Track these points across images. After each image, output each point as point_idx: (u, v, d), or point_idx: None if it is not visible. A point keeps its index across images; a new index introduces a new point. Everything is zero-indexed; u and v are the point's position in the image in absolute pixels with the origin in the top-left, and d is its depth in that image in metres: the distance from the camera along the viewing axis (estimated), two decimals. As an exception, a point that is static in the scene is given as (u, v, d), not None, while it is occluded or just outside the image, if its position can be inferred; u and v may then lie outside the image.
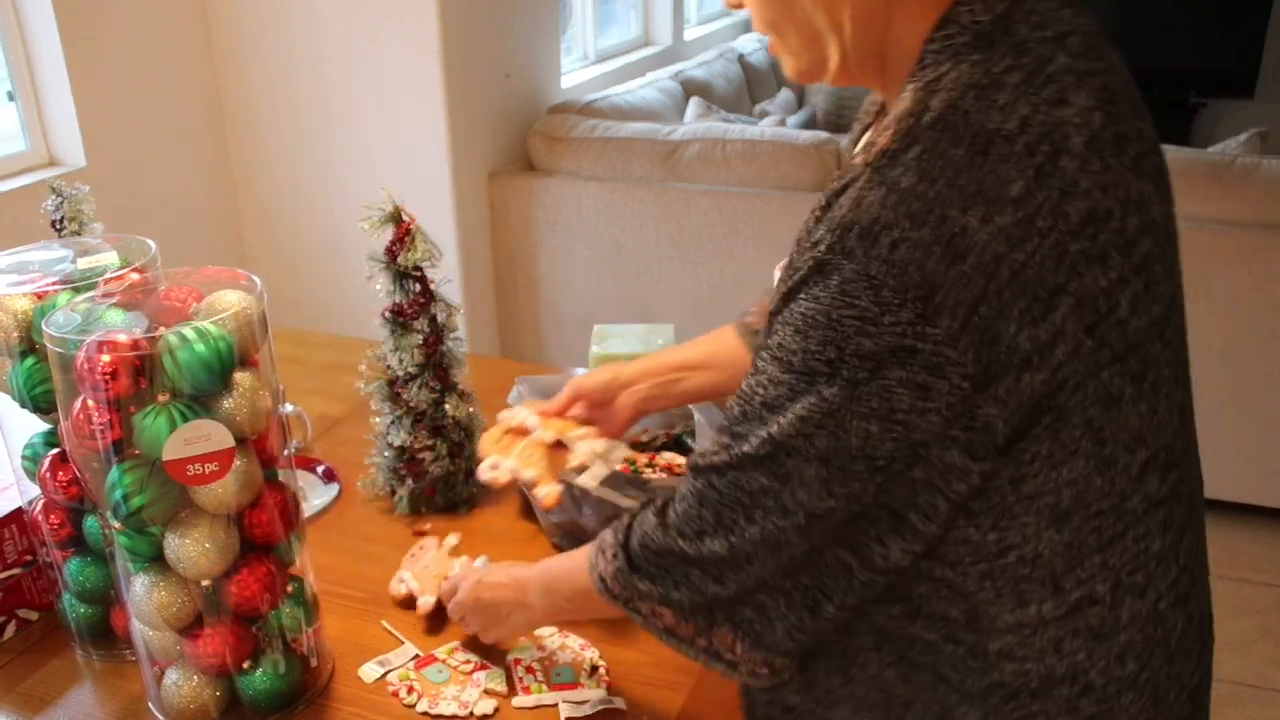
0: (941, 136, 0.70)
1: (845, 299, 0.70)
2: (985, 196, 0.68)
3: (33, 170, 2.58)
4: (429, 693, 1.00)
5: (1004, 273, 0.68)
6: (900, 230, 0.68)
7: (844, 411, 0.72)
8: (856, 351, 0.71)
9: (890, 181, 0.70)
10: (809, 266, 0.73)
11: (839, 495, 0.75)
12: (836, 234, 0.71)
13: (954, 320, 0.69)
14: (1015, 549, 0.77)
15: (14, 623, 1.11)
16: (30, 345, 1.01)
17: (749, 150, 2.89)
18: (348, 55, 2.89)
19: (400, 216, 1.20)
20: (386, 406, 1.29)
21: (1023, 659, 0.79)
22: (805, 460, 0.75)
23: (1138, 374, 0.76)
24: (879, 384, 0.71)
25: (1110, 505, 0.77)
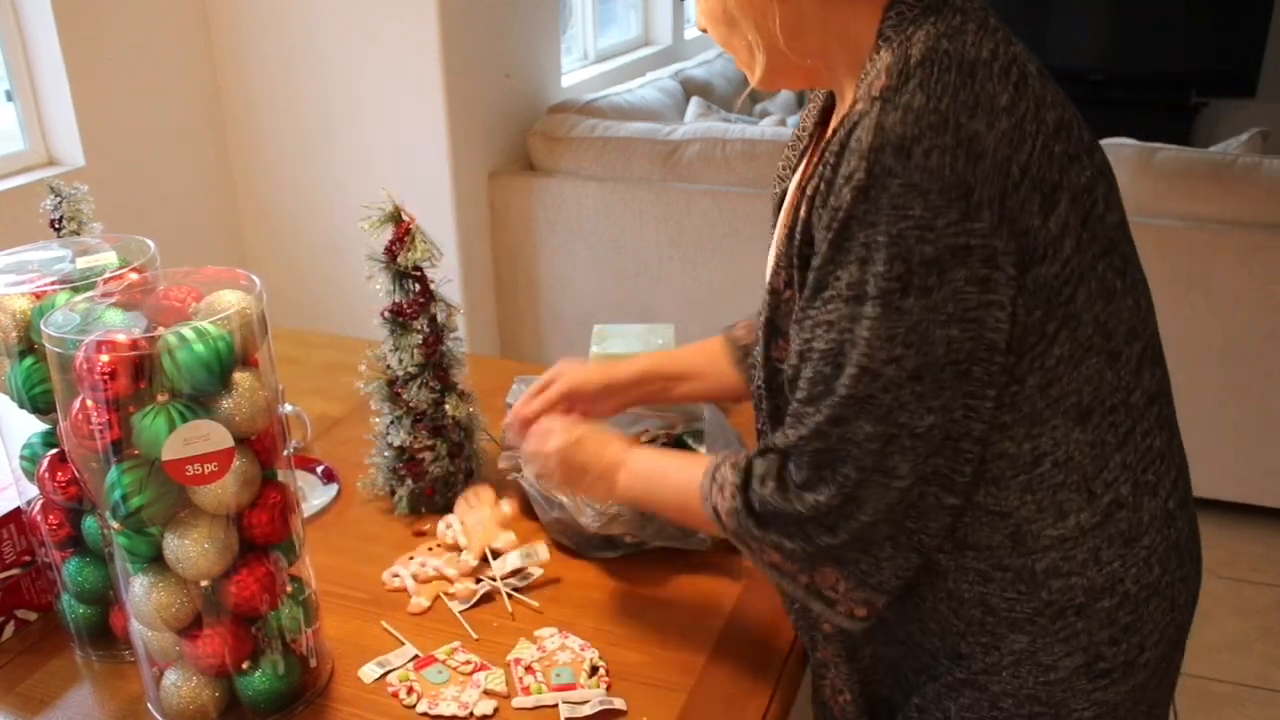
0: (932, 68, 0.78)
1: (899, 213, 0.76)
2: (983, 107, 0.77)
3: (31, 170, 2.57)
4: (429, 693, 1.00)
5: (1015, 171, 0.77)
6: (928, 140, 0.75)
7: (926, 322, 0.78)
8: (922, 259, 0.76)
9: (903, 105, 0.77)
10: (853, 198, 0.77)
11: (935, 409, 0.80)
12: (871, 158, 0.76)
13: (992, 214, 0.76)
14: (1049, 455, 0.84)
15: (13, 623, 1.11)
16: (29, 345, 1.01)
17: (749, 150, 2.89)
18: (348, 55, 2.89)
19: (400, 216, 1.20)
20: (386, 406, 1.28)
21: (1068, 574, 0.86)
22: (900, 385, 0.79)
23: (1120, 269, 0.85)
24: (949, 287, 0.77)
25: (1120, 400, 0.85)
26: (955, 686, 0.92)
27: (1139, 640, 0.89)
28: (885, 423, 0.80)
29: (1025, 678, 0.88)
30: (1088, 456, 0.84)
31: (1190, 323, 2.63)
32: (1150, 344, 0.88)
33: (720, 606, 1.12)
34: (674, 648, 1.06)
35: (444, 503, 1.30)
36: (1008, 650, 0.88)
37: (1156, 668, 0.91)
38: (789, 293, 0.88)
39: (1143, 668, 0.89)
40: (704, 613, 1.11)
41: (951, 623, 0.90)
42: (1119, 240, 0.85)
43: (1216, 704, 2.24)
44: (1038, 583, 0.86)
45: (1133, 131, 2.90)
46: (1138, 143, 2.74)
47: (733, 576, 1.17)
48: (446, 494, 1.30)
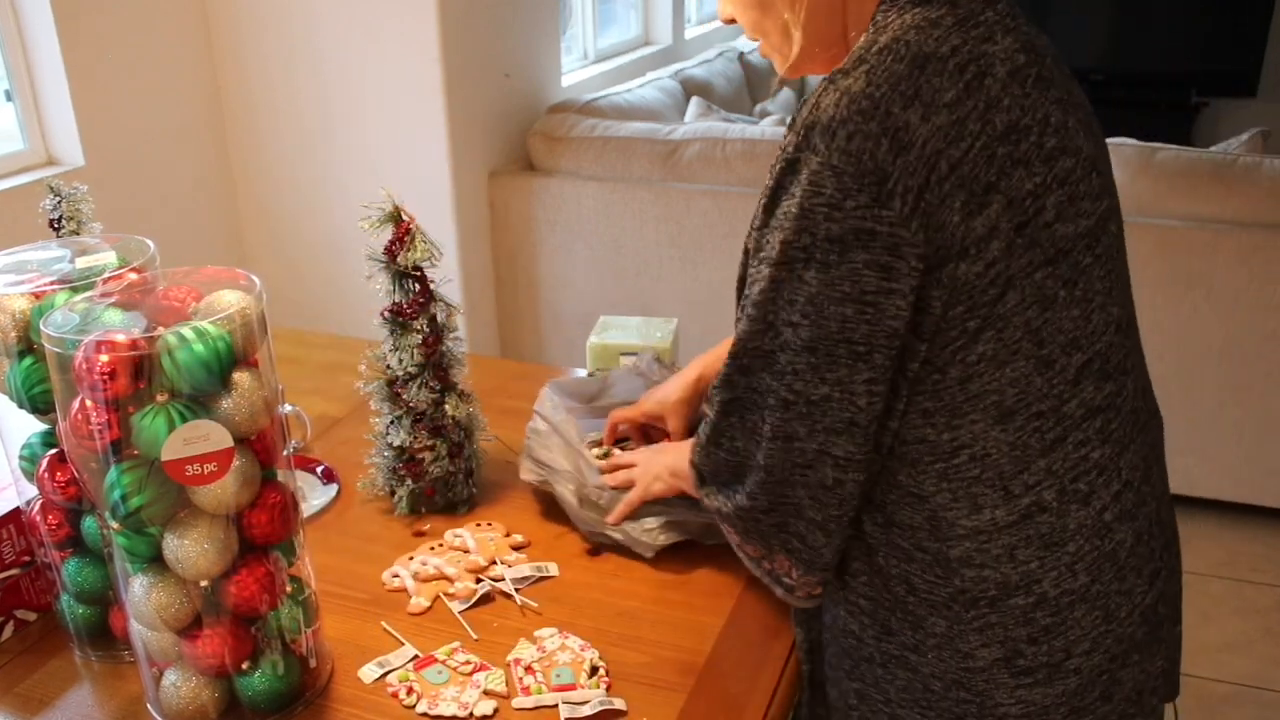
0: (886, 56, 0.81)
1: (813, 188, 0.80)
2: (923, 100, 0.79)
3: (31, 170, 2.57)
4: (428, 694, 1.00)
5: (943, 166, 0.79)
6: (854, 125, 0.79)
7: (821, 296, 0.82)
8: (826, 235, 0.81)
9: (843, 88, 0.81)
10: (782, 167, 0.83)
11: (830, 382, 0.84)
12: (801, 134, 0.82)
13: (904, 204, 0.79)
14: (966, 448, 0.86)
15: (12, 623, 1.11)
16: (28, 345, 1.00)
17: (749, 150, 2.89)
18: (348, 55, 2.89)
19: (400, 216, 1.20)
20: (386, 406, 1.28)
21: (980, 565, 0.88)
22: (795, 352, 0.85)
23: (1069, 280, 0.85)
24: (848, 266, 0.81)
25: (1049, 407, 0.85)
26: (889, 665, 0.94)
27: (1063, 645, 0.89)
28: (781, 382, 0.86)
29: (948, 662, 0.90)
30: (1006, 456, 0.85)
31: (1190, 323, 2.63)
32: (1100, 359, 0.88)
33: (720, 606, 1.12)
34: (674, 648, 1.06)
35: (444, 503, 1.30)
36: (930, 632, 0.91)
37: (1092, 678, 0.90)
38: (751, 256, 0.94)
39: (1072, 674, 0.89)
40: (704, 613, 1.11)
41: (882, 597, 0.93)
42: (1073, 251, 0.85)
43: (1217, 704, 2.24)
44: (952, 569, 0.88)
45: (1133, 131, 2.90)
46: (1138, 142, 2.74)
47: (733, 576, 1.17)
48: (446, 494, 1.30)
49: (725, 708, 0.99)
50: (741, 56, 4.53)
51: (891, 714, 0.95)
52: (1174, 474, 1.01)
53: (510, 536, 1.24)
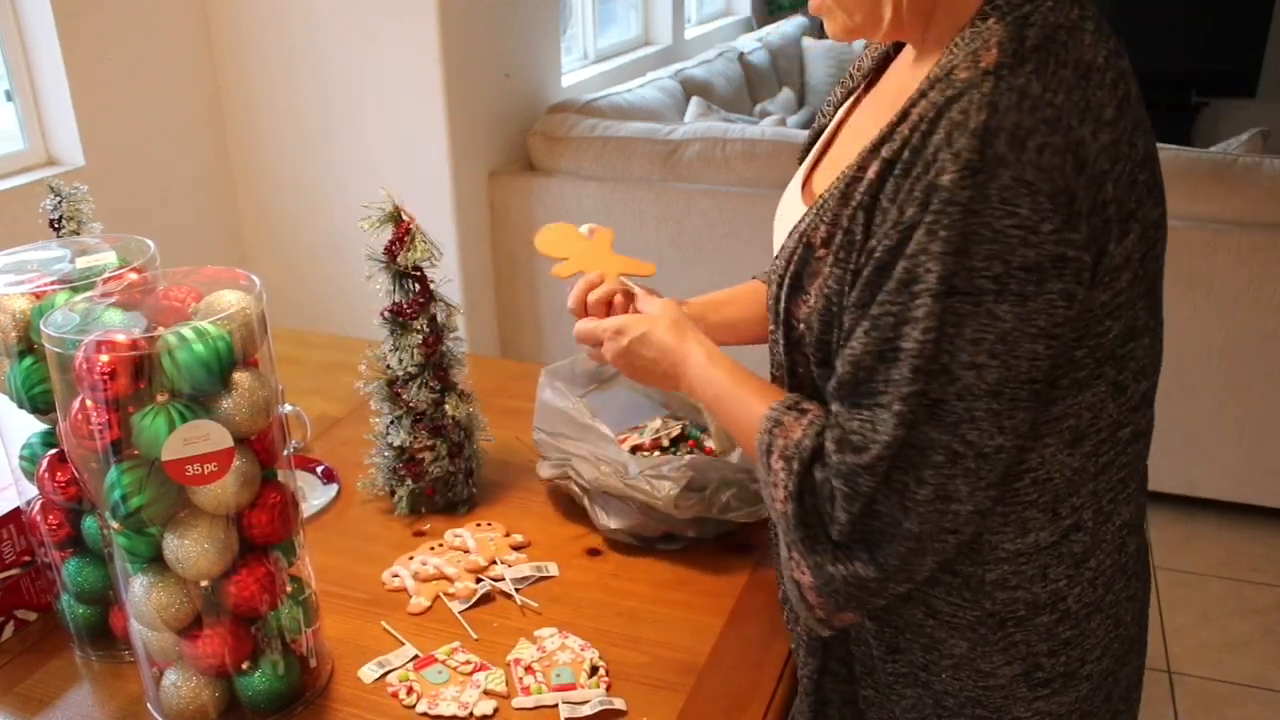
0: (1049, 58, 0.73)
1: (1006, 208, 0.70)
2: (1092, 114, 0.73)
3: (31, 170, 2.57)
4: (428, 693, 1.00)
5: (1109, 189, 0.73)
6: (1042, 136, 0.70)
7: (1016, 334, 0.72)
8: (1023, 264, 0.71)
9: (1019, 88, 0.71)
10: (958, 179, 0.71)
11: (1007, 431, 0.75)
12: (981, 139, 0.71)
13: (1086, 228, 0.72)
14: (1031, 472, 0.81)
15: (12, 623, 1.11)
16: (28, 345, 1.01)
17: (749, 150, 2.89)
18: (348, 55, 2.89)
19: (400, 216, 1.20)
20: (386, 406, 1.28)
21: (1014, 587, 0.85)
22: (976, 398, 0.74)
23: (1153, 309, 0.82)
24: (1045, 298, 0.72)
25: (1110, 433, 0.83)
26: (895, 685, 0.91)
27: (1079, 654, 0.88)
28: (953, 435, 0.75)
29: (965, 680, 0.88)
30: (1064, 480, 0.82)
31: (1190, 323, 2.63)
32: (1153, 385, 0.86)
33: (720, 606, 1.12)
34: (674, 648, 1.06)
35: (444, 503, 1.30)
36: (947, 653, 0.88)
37: (1100, 681, 0.90)
38: (824, 250, 0.82)
39: (1085, 680, 0.89)
40: (704, 612, 1.11)
41: (891, 618, 0.89)
42: (1159, 281, 0.83)
43: (1217, 704, 2.24)
44: (984, 592, 0.85)
45: (1133, 131, 2.89)
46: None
47: (733, 576, 1.17)
48: (446, 494, 1.30)
49: (725, 708, 0.99)
50: (741, 56, 4.53)
51: None
52: (1174, 474, 1.03)
53: (510, 536, 1.24)
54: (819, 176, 0.96)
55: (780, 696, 1.01)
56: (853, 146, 0.87)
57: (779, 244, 0.94)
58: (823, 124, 1.02)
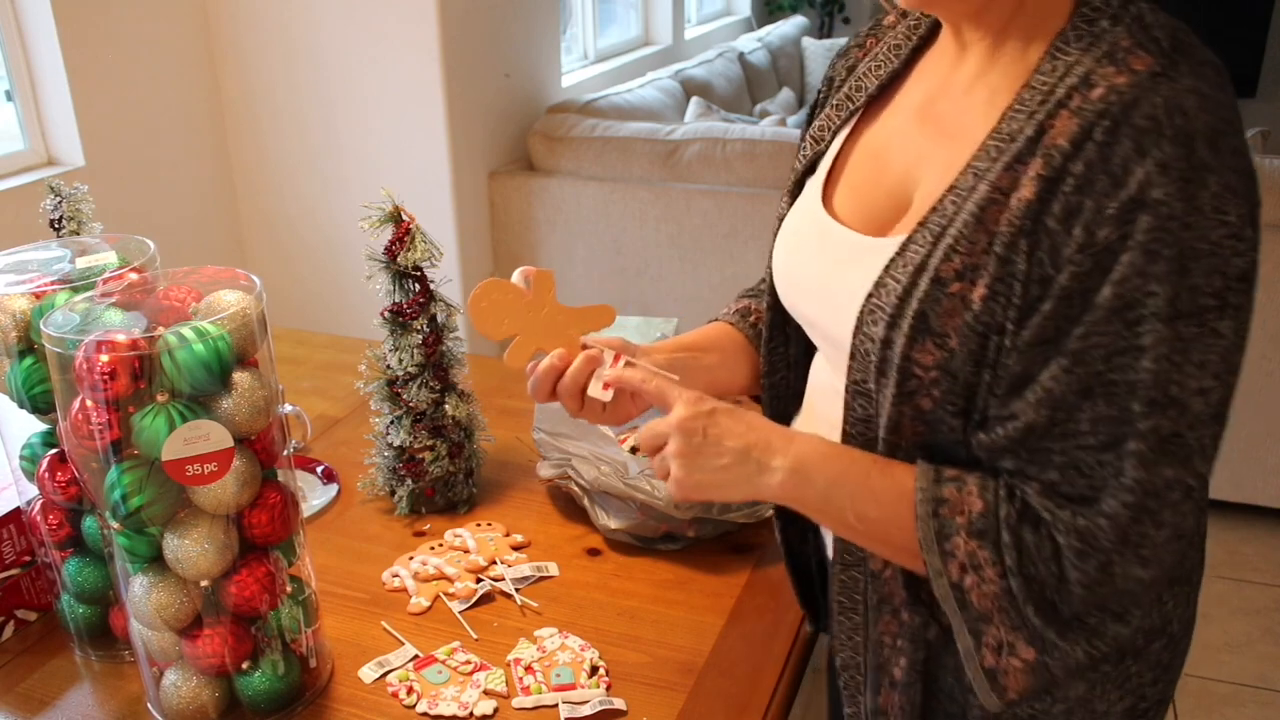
0: (1190, 57, 0.69)
1: (1219, 216, 0.65)
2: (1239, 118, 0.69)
3: (31, 170, 2.58)
4: (428, 693, 1.00)
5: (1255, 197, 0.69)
6: (1232, 138, 0.67)
7: (1235, 350, 0.67)
8: (1238, 273, 0.66)
9: (1194, 90, 0.67)
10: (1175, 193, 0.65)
11: (1212, 455, 0.70)
12: (1184, 145, 0.65)
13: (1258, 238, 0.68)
14: None
15: (12, 623, 1.11)
16: (29, 345, 1.01)
17: (749, 150, 2.89)
18: (348, 55, 2.89)
19: (400, 216, 1.20)
20: (386, 406, 1.28)
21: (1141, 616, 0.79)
22: (1205, 424, 0.68)
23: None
24: (1249, 310, 0.68)
25: None
26: None
27: (1170, 676, 0.86)
28: (1187, 469, 0.68)
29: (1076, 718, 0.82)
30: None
31: (1190, 323, 2.63)
32: None
33: (720, 606, 1.12)
34: (674, 648, 1.06)
35: (444, 503, 1.30)
36: (1061, 697, 0.81)
37: (1164, 691, 0.88)
38: (961, 285, 0.72)
39: (1166, 701, 0.87)
40: (704, 612, 1.11)
41: None
42: None
43: (1217, 704, 2.24)
44: None
45: (1133, 131, 2.90)
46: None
47: (733, 576, 1.17)
48: (446, 494, 1.30)
49: (725, 707, 0.99)
50: (741, 57, 4.53)
51: None
52: None
53: (510, 536, 1.25)
54: (838, 201, 0.89)
55: (780, 696, 1.01)
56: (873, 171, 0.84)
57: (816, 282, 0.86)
58: (819, 150, 0.93)
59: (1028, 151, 0.71)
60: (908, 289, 0.74)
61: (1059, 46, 0.73)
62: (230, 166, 3.10)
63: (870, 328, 0.77)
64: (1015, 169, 0.71)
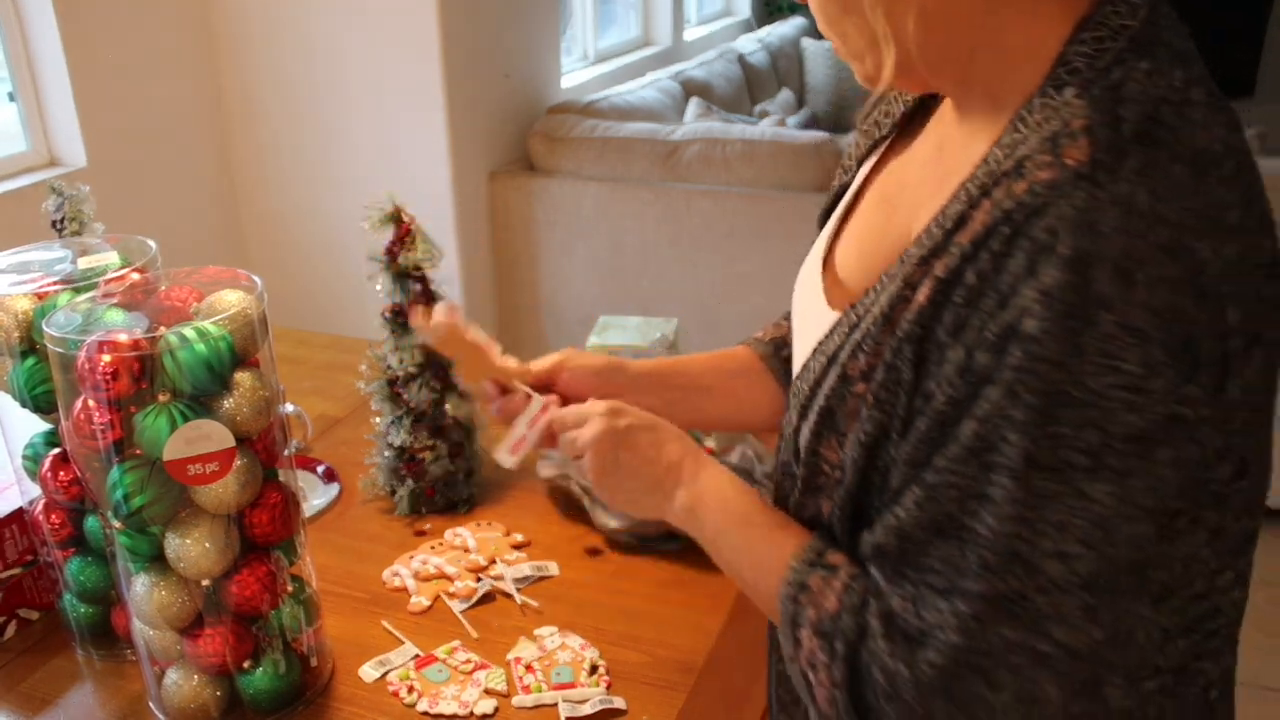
0: (1156, 150, 0.57)
1: (1107, 362, 0.56)
2: (1213, 222, 0.57)
3: (33, 170, 2.58)
4: (429, 692, 1.01)
5: (1231, 317, 0.57)
6: (1155, 267, 0.55)
7: (1115, 519, 0.58)
8: (1126, 433, 0.57)
9: (1123, 200, 0.56)
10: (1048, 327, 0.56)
11: (1106, 624, 0.61)
12: (1076, 273, 0.56)
13: (1208, 377, 0.57)
14: None
15: (15, 622, 1.11)
16: (31, 345, 1.01)
17: (749, 150, 2.90)
18: (349, 56, 2.90)
19: (400, 217, 1.20)
20: (386, 406, 1.29)
21: None
22: (1064, 592, 0.59)
23: (1264, 442, 0.65)
24: (1153, 474, 0.58)
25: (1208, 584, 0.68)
26: None
27: None
28: (1032, 633, 0.60)
29: None
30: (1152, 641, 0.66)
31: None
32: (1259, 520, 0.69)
33: (720, 606, 1.13)
34: (674, 647, 1.07)
35: (444, 503, 1.31)
36: None
37: None
38: (864, 386, 0.67)
39: None
40: (704, 612, 1.12)
41: None
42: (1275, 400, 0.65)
43: (1215, 703, 2.24)
44: None
45: (1132, 132, 2.90)
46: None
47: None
48: (447, 494, 1.31)
49: (725, 707, 0.99)
50: (741, 57, 4.53)
51: None
52: None
53: (510, 536, 1.25)
54: (842, 250, 0.81)
55: (779, 695, 1.02)
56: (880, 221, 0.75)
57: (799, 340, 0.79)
58: (845, 182, 0.86)
59: (942, 246, 0.63)
60: (818, 380, 0.71)
61: (1023, 116, 0.63)
62: (232, 167, 3.11)
63: (791, 414, 0.74)
64: (928, 263, 0.64)
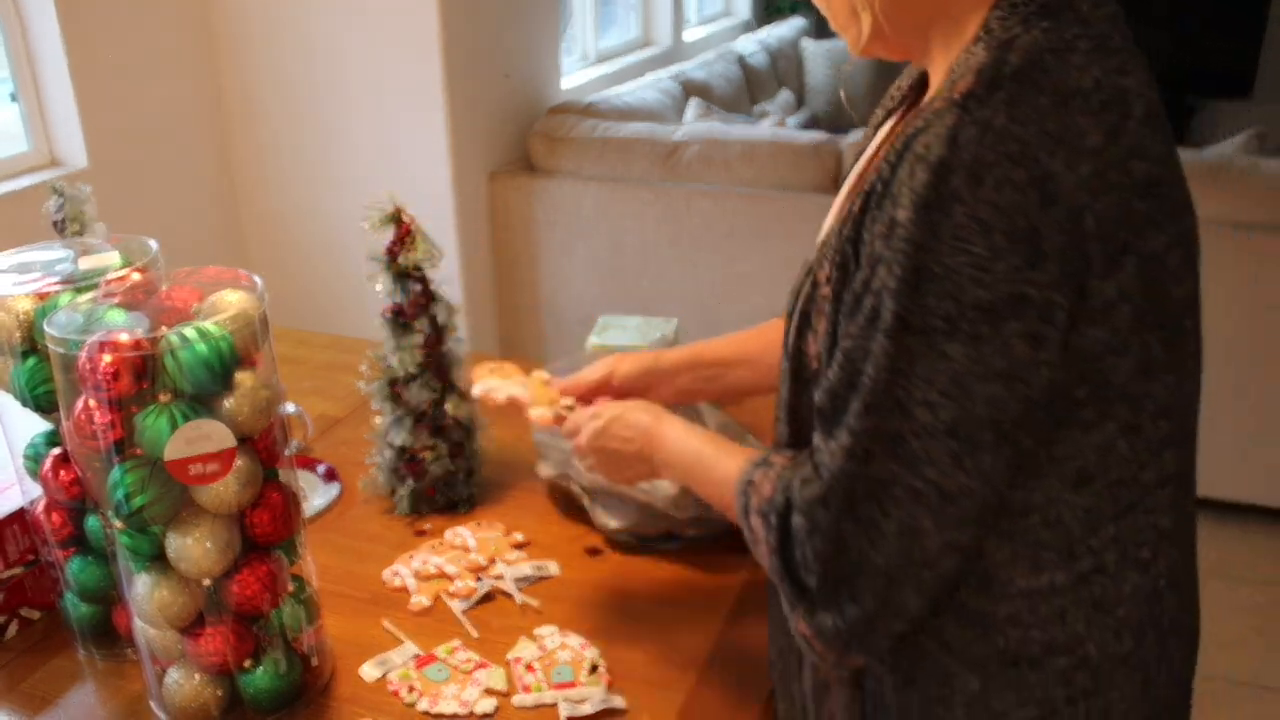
0: (1025, 85, 0.71)
1: (958, 244, 0.69)
2: (1068, 145, 0.69)
3: (35, 171, 2.58)
4: (429, 692, 1.01)
5: (1088, 222, 0.70)
6: (1001, 171, 0.69)
7: (969, 375, 0.71)
8: (975, 303, 0.70)
9: (983, 121, 0.70)
10: (913, 215, 0.71)
11: (970, 470, 0.73)
12: (938, 175, 0.70)
13: (1055, 265, 0.69)
14: (1037, 510, 0.78)
15: (16, 622, 1.12)
16: (32, 345, 1.01)
17: (749, 151, 2.90)
18: (349, 56, 2.90)
19: (400, 217, 1.20)
20: (387, 406, 1.29)
21: (1027, 626, 0.81)
22: (933, 437, 0.73)
23: (1171, 345, 0.77)
24: (1000, 340, 0.70)
25: (1129, 475, 0.79)
26: (907, 715, 0.86)
27: (1101, 705, 0.84)
28: (912, 471, 0.74)
29: (978, 718, 0.84)
30: (1078, 520, 0.79)
31: (1188, 323, 2.64)
32: (1180, 429, 0.81)
33: (720, 605, 1.13)
34: (674, 646, 1.07)
35: (444, 502, 1.31)
36: (960, 689, 0.84)
37: None
38: (827, 288, 0.81)
39: None
40: (704, 611, 1.12)
41: (907, 648, 0.84)
42: (1180, 315, 0.78)
43: (1212, 702, 2.24)
44: (995, 628, 0.81)
45: (1131, 132, 2.90)
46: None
47: (733, 576, 1.17)
48: (447, 493, 1.31)
49: (725, 706, 1.00)
50: (741, 58, 4.53)
51: None
52: None
53: (511, 535, 1.25)
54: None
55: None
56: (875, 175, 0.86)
57: None
58: (863, 148, 0.97)
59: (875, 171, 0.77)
60: (799, 288, 0.85)
61: (952, 68, 0.76)
62: (232, 168, 3.11)
63: (787, 321, 0.88)
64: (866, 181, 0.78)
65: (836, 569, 0.78)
